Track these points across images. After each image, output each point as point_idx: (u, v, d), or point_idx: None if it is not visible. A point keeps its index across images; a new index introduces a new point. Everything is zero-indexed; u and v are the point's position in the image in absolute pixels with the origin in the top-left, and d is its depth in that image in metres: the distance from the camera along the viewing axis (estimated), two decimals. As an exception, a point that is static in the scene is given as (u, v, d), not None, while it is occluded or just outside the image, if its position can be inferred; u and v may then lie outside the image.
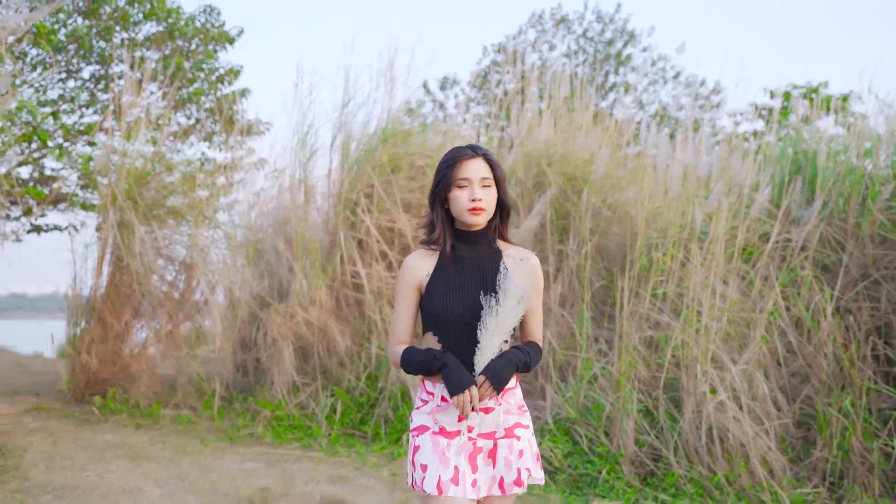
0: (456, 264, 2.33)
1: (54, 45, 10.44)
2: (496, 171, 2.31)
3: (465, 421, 2.28)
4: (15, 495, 4.31)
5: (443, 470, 2.24)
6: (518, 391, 2.37)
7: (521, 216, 7.36)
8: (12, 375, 9.30)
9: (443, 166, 2.32)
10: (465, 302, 2.27)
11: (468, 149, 2.31)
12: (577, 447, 5.30)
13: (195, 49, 11.99)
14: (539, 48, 19.34)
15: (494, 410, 2.29)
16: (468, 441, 2.29)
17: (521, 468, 2.28)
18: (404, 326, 2.37)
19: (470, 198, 2.26)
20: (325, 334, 6.72)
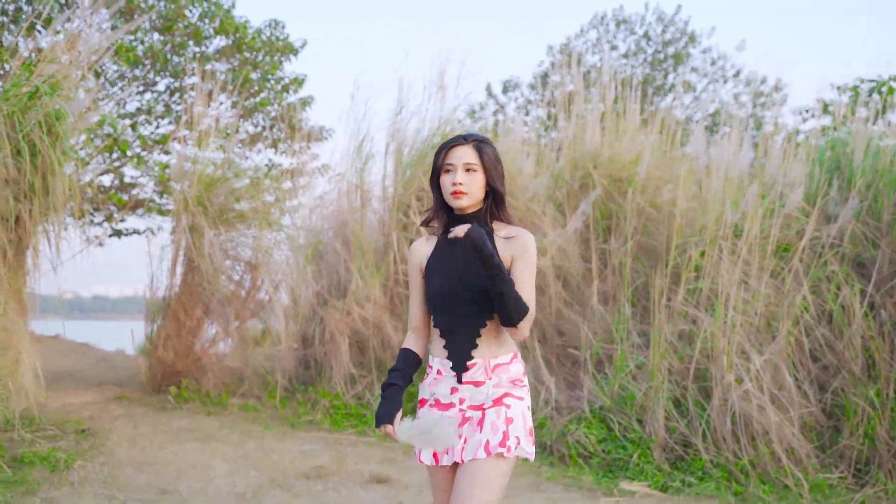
0: (449, 246, 2.45)
1: (133, 60, 11.14)
2: (483, 158, 2.40)
3: (457, 392, 2.41)
4: (102, 468, 4.87)
5: None
6: (512, 367, 2.44)
7: (566, 217, 7.69)
8: (98, 369, 10.05)
9: (435, 154, 2.46)
10: (454, 281, 2.40)
11: (460, 137, 2.44)
12: (611, 434, 5.63)
13: (261, 61, 12.60)
14: (600, 49, 19.54)
15: (484, 384, 2.39)
16: (458, 412, 2.41)
17: (508, 433, 2.33)
18: (414, 310, 2.55)
19: (452, 181, 2.38)
20: (380, 329, 7.18)
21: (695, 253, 6.20)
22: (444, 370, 2.44)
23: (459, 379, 2.40)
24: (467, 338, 2.40)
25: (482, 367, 2.39)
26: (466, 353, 2.40)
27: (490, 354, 2.41)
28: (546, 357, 6.93)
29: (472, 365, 2.40)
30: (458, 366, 2.41)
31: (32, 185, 5.77)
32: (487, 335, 2.40)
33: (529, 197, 7.72)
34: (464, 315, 2.39)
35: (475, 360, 2.40)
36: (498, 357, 2.41)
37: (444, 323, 2.43)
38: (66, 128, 5.82)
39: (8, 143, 5.58)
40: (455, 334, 2.41)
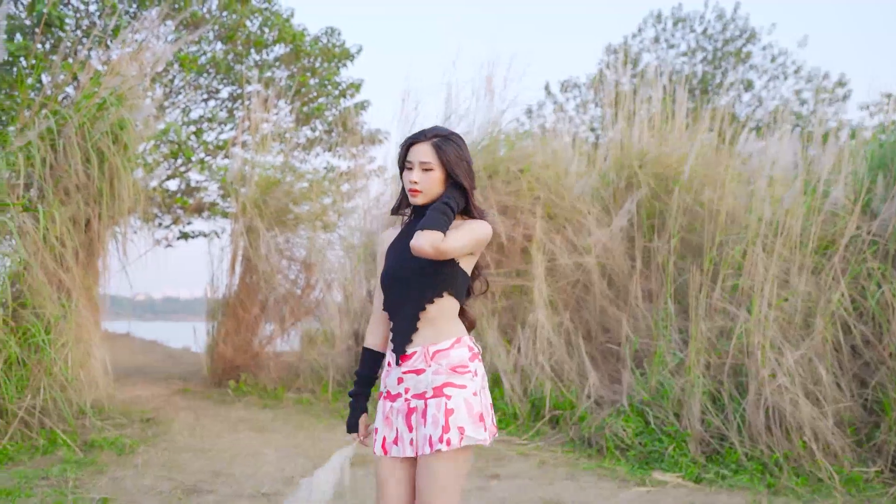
0: (404, 233, 2.47)
1: (197, 70, 11.62)
2: (441, 156, 2.37)
3: (402, 382, 2.38)
4: (163, 453, 5.22)
5: (387, 432, 2.38)
6: (453, 352, 2.38)
7: (612, 216, 7.82)
8: (165, 365, 10.57)
9: (400, 148, 2.47)
10: (398, 262, 2.41)
11: (423, 133, 2.43)
12: (648, 427, 5.76)
13: (319, 67, 12.99)
14: (657, 47, 19.49)
15: (425, 372, 2.36)
16: (404, 402, 2.38)
17: (449, 426, 2.28)
18: (378, 298, 2.54)
19: (409, 180, 2.39)
20: (428, 326, 7.43)
21: (732, 250, 6.27)
22: (393, 361, 2.41)
23: (398, 361, 2.38)
24: (409, 320, 2.37)
25: (422, 354, 2.36)
26: (407, 337, 2.37)
27: (430, 341, 2.37)
28: (591, 353, 7.08)
29: (412, 353, 2.37)
30: (398, 348, 2.38)
31: (101, 191, 6.18)
32: (429, 320, 2.37)
33: (576, 196, 7.87)
34: (407, 298, 2.37)
35: (415, 348, 2.37)
36: (438, 343, 2.37)
37: (391, 307, 2.43)
38: (130, 136, 6.20)
39: (78, 152, 5.99)
40: (398, 316, 2.40)
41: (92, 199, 6.16)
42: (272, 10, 12.51)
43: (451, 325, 2.40)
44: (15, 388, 5.12)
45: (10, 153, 5.62)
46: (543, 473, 5.17)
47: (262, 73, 12.83)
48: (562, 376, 6.81)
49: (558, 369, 6.83)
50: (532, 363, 6.79)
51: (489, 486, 4.78)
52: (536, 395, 6.60)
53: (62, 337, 5.37)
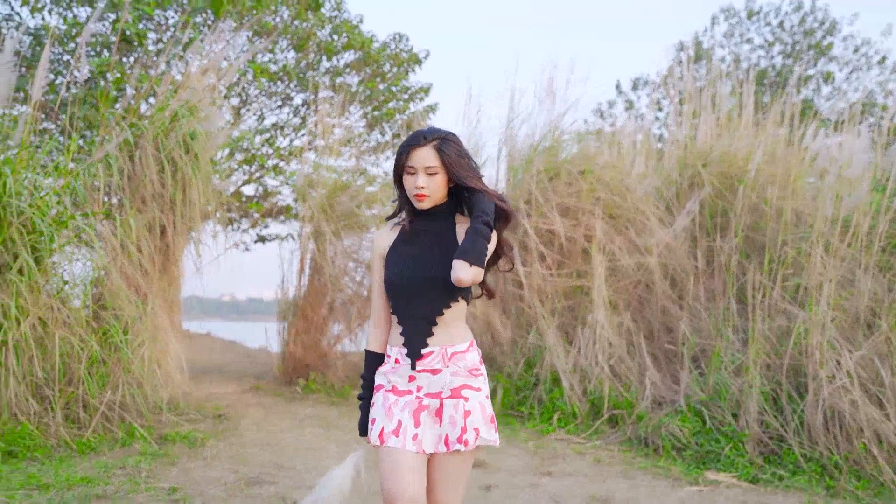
0: (411, 237, 2.47)
1: (269, 78, 12.01)
2: (443, 158, 2.38)
3: (414, 381, 2.42)
4: (232, 446, 5.50)
5: (386, 422, 2.39)
6: (469, 355, 2.44)
7: (675, 215, 7.80)
8: (241, 364, 10.97)
9: (398, 152, 2.44)
10: (412, 268, 2.40)
11: (421, 136, 2.41)
12: (705, 427, 5.76)
13: (387, 72, 13.24)
14: (730, 42, 19.14)
15: (441, 372, 2.40)
16: (415, 399, 2.41)
17: (466, 427, 2.36)
18: (376, 300, 2.55)
19: (414, 185, 2.39)
20: (489, 326, 7.56)
21: (792, 249, 6.21)
22: (402, 359, 2.43)
23: (413, 365, 2.41)
24: (424, 325, 2.40)
25: (439, 354, 2.40)
26: (422, 341, 2.40)
27: (447, 342, 2.41)
28: (652, 353, 7.09)
29: (428, 353, 2.41)
30: (412, 352, 2.41)
31: (174, 199, 6.51)
32: (444, 323, 2.41)
33: (638, 197, 7.88)
34: (421, 302, 2.40)
35: (432, 349, 2.41)
36: (455, 345, 2.42)
37: (401, 310, 2.44)
38: (200, 146, 6.52)
39: (153, 162, 6.33)
40: (412, 321, 2.41)
41: (166, 207, 6.50)
42: (342, 18, 12.84)
43: (465, 329, 2.48)
44: (97, 385, 5.46)
45: (91, 164, 6.00)
46: (597, 471, 5.24)
47: (333, 79, 13.18)
48: (621, 376, 6.85)
49: (618, 369, 6.87)
50: (592, 363, 6.84)
51: (540, 482, 4.88)
52: (595, 394, 6.65)
53: (138, 337, 5.70)
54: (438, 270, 2.38)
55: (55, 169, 6.04)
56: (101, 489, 4.32)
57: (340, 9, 12.94)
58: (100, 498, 4.19)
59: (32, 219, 5.38)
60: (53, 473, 4.56)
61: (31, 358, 5.19)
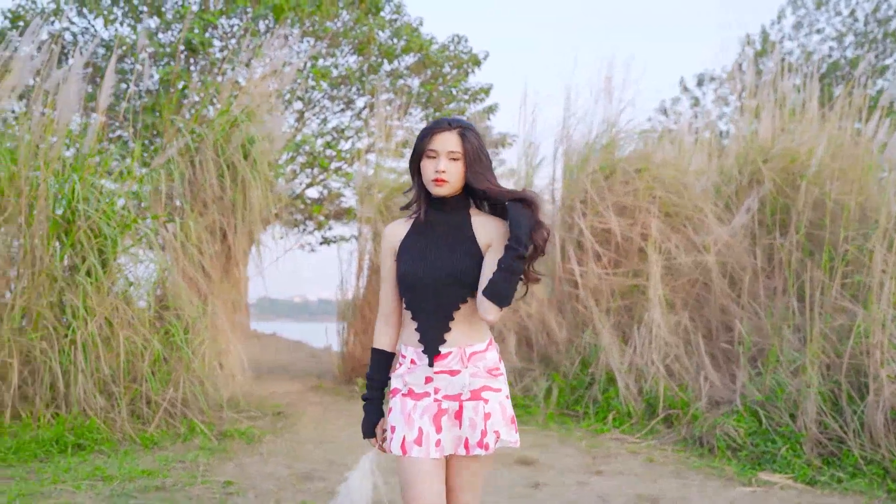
0: (425, 229, 2.37)
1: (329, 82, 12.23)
2: (466, 146, 2.30)
3: (431, 382, 2.31)
4: (287, 443, 5.65)
5: (407, 431, 2.29)
6: (489, 355, 2.35)
7: (734, 213, 7.68)
8: (306, 363, 11.21)
9: (419, 136, 2.36)
10: (427, 264, 2.31)
11: (445, 121, 2.33)
12: (761, 427, 5.67)
13: (448, 74, 13.33)
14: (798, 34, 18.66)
15: (461, 373, 2.30)
16: (434, 402, 2.31)
17: (486, 430, 2.27)
18: (386, 295, 2.45)
19: (434, 169, 2.29)
20: (545, 325, 7.57)
21: (853, 246, 6.06)
22: (418, 359, 2.33)
23: (430, 363, 2.31)
24: (440, 319, 2.31)
25: (457, 355, 2.30)
26: (439, 337, 2.30)
27: (465, 342, 2.31)
28: (711, 352, 7.00)
29: (446, 354, 2.30)
30: (429, 349, 2.31)
31: (234, 202, 6.71)
32: (461, 319, 2.31)
33: (696, 194, 7.78)
34: (437, 297, 2.30)
35: (450, 349, 2.30)
36: (474, 345, 2.32)
37: (416, 305, 2.33)
38: (258, 150, 6.71)
39: (213, 167, 6.54)
40: (427, 315, 2.32)
41: (227, 210, 6.70)
42: (402, 21, 12.99)
43: (483, 327, 2.35)
44: (159, 382, 5.68)
45: (154, 170, 6.23)
46: (649, 471, 5.21)
47: (393, 82, 13.34)
48: (677, 375, 6.78)
49: (674, 368, 6.80)
50: (648, 362, 6.79)
51: (589, 481, 4.88)
52: (651, 394, 6.60)
53: (199, 336, 5.90)
54: (454, 263, 2.29)
55: (120, 174, 6.29)
56: (161, 481, 4.49)
57: (400, 12, 13.10)
58: (159, 489, 4.36)
59: (99, 223, 5.62)
60: (117, 466, 4.76)
61: (98, 356, 5.42)
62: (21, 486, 4.31)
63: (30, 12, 11.32)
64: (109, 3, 11.60)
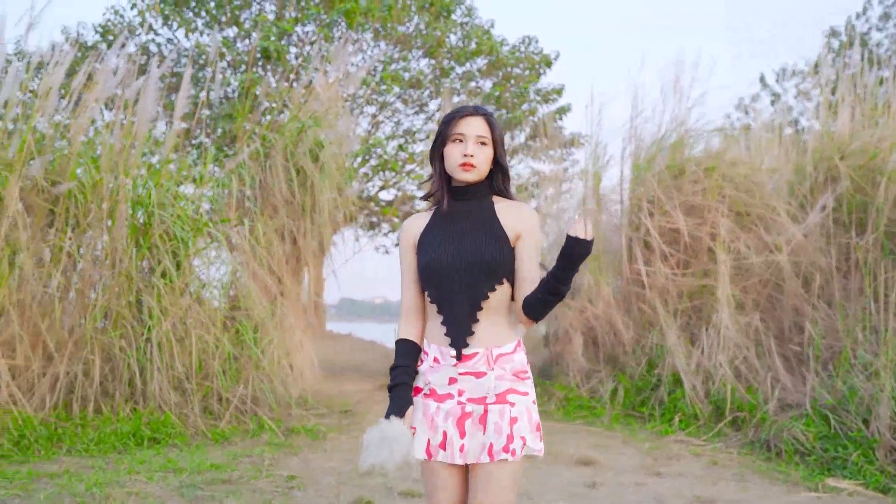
0: (447, 219, 2.28)
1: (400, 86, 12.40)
2: (494, 132, 2.26)
3: (455, 383, 2.20)
4: (352, 439, 5.81)
5: (432, 434, 2.20)
6: (517, 357, 2.23)
7: (808, 212, 7.49)
8: (379, 363, 11.41)
9: (442, 122, 2.28)
10: (452, 253, 2.21)
11: (471, 107, 2.28)
12: (832, 432, 5.52)
13: (519, 75, 13.35)
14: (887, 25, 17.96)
15: (486, 375, 2.19)
16: (457, 405, 2.20)
17: (513, 435, 2.15)
18: (408, 291, 2.33)
19: (462, 153, 2.21)
20: (612, 326, 7.53)
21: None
22: (443, 358, 2.21)
23: (458, 356, 2.19)
24: (468, 311, 2.19)
25: (484, 356, 2.19)
26: (467, 329, 2.19)
27: (492, 342, 2.20)
28: (783, 354, 6.86)
29: (472, 354, 2.19)
30: (457, 342, 2.19)
31: (304, 206, 6.91)
32: (490, 311, 2.20)
33: (768, 193, 7.62)
34: (463, 287, 2.20)
35: (476, 349, 2.19)
36: (501, 346, 2.20)
37: (440, 297, 2.22)
38: (327, 154, 6.89)
39: (283, 171, 6.75)
40: (454, 307, 2.20)
41: (296, 214, 6.91)
42: (473, 24, 13.08)
43: (512, 326, 2.25)
44: (230, 380, 5.90)
45: (226, 175, 6.48)
46: (710, 473, 5.15)
47: (464, 84, 13.43)
48: (747, 377, 6.66)
49: (743, 370, 6.68)
50: (716, 364, 6.69)
51: (647, 482, 4.86)
52: (718, 396, 6.50)
53: (267, 336, 6.11)
54: (481, 251, 2.19)
55: (193, 180, 6.56)
56: (227, 475, 4.68)
57: (471, 14, 13.19)
58: (225, 482, 4.55)
59: (173, 226, 5.88)
60: (188, 459, 4.98)
61: (172, 354, 5.67)
62: (99, 475, 4.56)
63: (118, 26, 11.86)
64: (191, 14, 12.05)
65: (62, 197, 5.88)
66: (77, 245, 5.94)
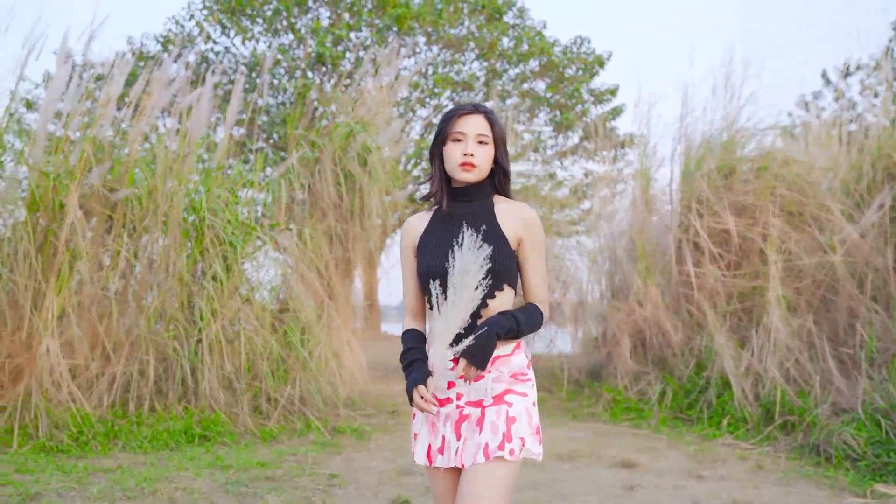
0: (447, 221, 2.22)
1: (453, 89, 12.49)
2: (495, 130, 2.21)
3: (454, 388, 2.17)
4: (396, 439, 5.91)
5: (432, 439, 2.19)
6: (514, 359, 2.19)
7: (863, 210, 7.32)
8: (432, 364, 11.50)
9: (442, 121, 2.23)
10: (446, 258, 2.14)
11: (470, 105, 2.22)
12: (885, 437, 5.39)
13: (570, 76, 13.32)
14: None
15: (483, 378, 2.16)
16: (456, 409, 2.18)
17: (511, 434, 2.11)
18: (410, 292, 2.31)
19: (463, 152, 2.16)
20: (661, 329, 7.47)
21: None
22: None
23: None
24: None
25: None
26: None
27: None
28: (837, 357, 6.72)
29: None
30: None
31: (352, 210, 7.03)
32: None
33: (823, 192, 7.47)
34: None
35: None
36: (497, 348, 2.16)
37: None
38: (375, 159, 7.00)
39: (331, 176, 6.89)
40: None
41: (344, 217, 7.04)
42: (525, 25, 13.09)
43: None
44: (278, 381, 6.06)
45: (274, 180, 6.64)
46: (752, 477, 5.09)
47: (518, 86, 13.46)
48: (798, 380, 6.54)
49: (794, 373, 6.56)
50: (766, 367, 6.59)
51: (687, 485, 4.83)
52: (768, 399, 6.40)
53: (315, 338, 6.25)
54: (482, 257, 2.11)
55: (243, 185, 6.74)
56: (272, 472, 4.82)
57: (523, 16, 13.21)
58: (269, 480, 4.68)
59: (223, 231, 6.06)
60: (236, 457, 5.14)
61: (222, 354, 5.85)
62: (150, 471, 4.75)
63: (178, 36, 12.22)
64: (248, 23, 12.34)
65: (120, 203, 6.12)
66: (134, 250, 6.16)
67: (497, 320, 2.12)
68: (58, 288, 5.63)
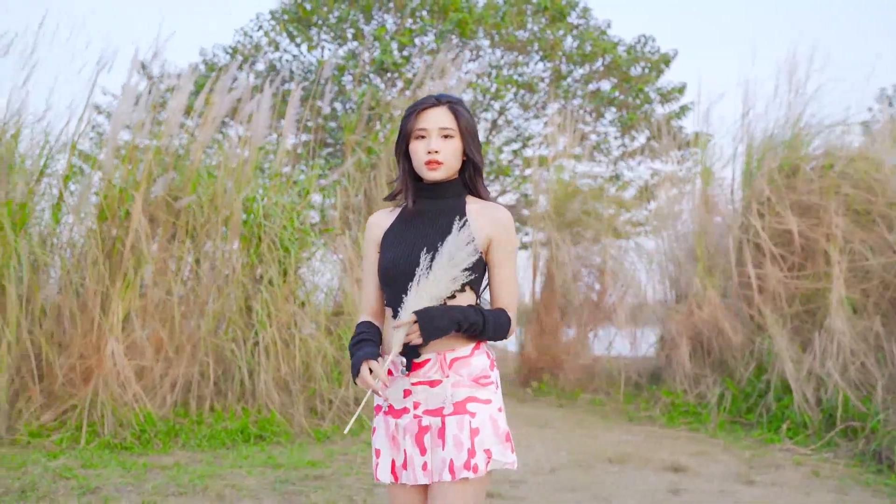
0: (413, 218, 2.12)
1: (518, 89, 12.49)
2: (461, 122, 2.08)
3: (410, 396, 2.05)
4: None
5: (395, 454, 2.08)
6: (474, 360, 2.05)
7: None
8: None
9: (404, 117, 2.12)
10: (409, 254, 2.05)
11: (432, 98, 2.11)
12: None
13: (636, 75, 13.17)
14: None
15: (441, 383, 2.03)
16: (413, 420, 2.05)
17: (475, 449, 1.98)
18: (369, 290, 2.20)
19: (426, 149, 2.05)
20: (720, 331, 7.34)
21: None
22: (395, 369, 2.08)
23: (409, 366, 2.05)
24: None
25: (437, 362, 2.04)
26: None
27: (446, 346, 2.04)
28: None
29: (424, 361, 2.04)
30: (409, 351, 2.04)
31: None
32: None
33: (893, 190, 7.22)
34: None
35: (427, 356, 2.04)
36: (455, 349, 2.04)
37: (395, 301, 2.05)
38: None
39: (385, 182, 7.01)
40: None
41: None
42: (588, 25, 13.02)
43: None
44: (332, 383, 6.20)
45: (330, 186, 6.80)
46: (807, 484, 4.97)
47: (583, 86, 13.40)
48: (863, 385, 6.34)
49: (859, 377, 6.37)
50: (829, 371, 6.41)
51: (734, 490, 4.75)
52: (830, 404, 6.23)
53: (368, 340, 6.37)
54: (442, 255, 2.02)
55: (299, 192, 6.92)
56: (321, 471, 4.95)
57: (587, 16, 13.13)
58: (317, 479, 4.81)
59: (279, 236, 6.24)
60: (288, 456, 5.30)
61: (278, 357, 6.03)
62: (205, 468, 4.94)
63: (246, 47, 12.57)
64: (314, 31, 12.61)
65: (183, 210, 6.36)
66: (196, 256, 6.40)
67: (465, 309, 2.01)
68: (123, 292, 5.89)
